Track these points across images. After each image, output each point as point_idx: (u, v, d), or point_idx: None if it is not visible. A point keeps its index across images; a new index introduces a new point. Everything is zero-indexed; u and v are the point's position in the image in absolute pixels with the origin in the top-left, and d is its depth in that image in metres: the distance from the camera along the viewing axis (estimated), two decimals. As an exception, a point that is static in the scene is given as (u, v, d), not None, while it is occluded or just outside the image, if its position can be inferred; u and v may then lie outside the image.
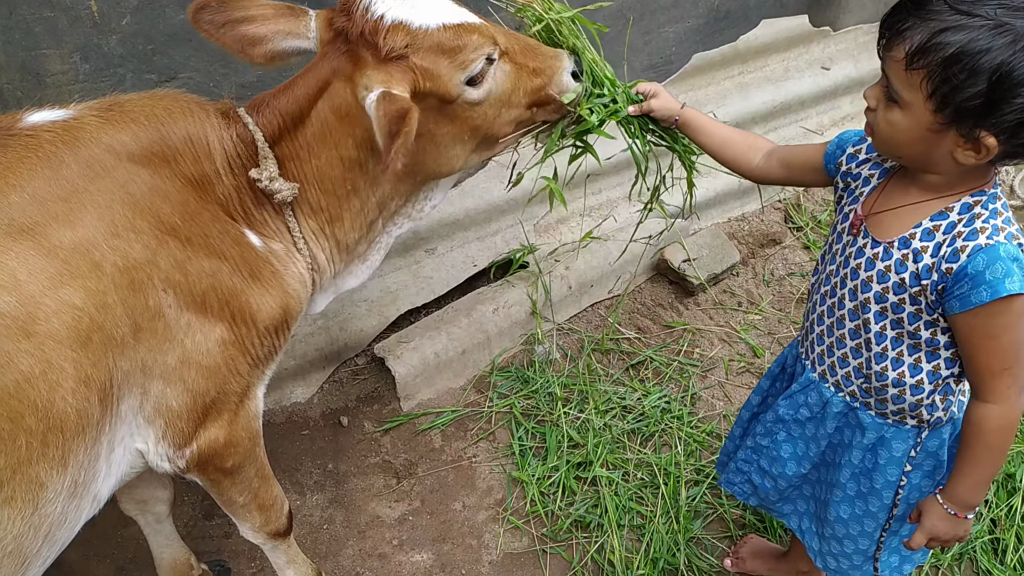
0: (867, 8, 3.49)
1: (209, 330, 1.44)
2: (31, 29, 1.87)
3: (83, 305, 1.23)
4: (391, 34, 1.47)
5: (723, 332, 2.85)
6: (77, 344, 1.22)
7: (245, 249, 1.51)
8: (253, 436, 1.62)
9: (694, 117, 1.76)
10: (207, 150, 1.48)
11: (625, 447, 2.43)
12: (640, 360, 2.72)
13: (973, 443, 1.41)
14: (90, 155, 1.33)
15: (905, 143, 1.32)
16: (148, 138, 1.40)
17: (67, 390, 1.20)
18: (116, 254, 1.30)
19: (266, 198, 1.57)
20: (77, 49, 1.94)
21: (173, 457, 1.47)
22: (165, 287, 1.37)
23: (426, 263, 2.73)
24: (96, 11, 1.91)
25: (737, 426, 1.93)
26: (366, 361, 2.66)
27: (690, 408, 2.55)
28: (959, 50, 1.18)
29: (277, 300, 1.56)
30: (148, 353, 1.36)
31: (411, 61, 1.49)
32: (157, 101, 1.47)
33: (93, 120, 1.37)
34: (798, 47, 3.43)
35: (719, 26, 3.16)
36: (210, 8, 1.53)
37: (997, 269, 1.27)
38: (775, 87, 3.30)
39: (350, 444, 2.46)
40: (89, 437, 1.27)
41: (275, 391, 2.53)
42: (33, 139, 1.30)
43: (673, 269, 2.94)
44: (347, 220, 1.66)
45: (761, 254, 3.16)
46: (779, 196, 3.35)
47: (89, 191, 1.30)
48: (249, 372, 1.55)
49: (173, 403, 1.43)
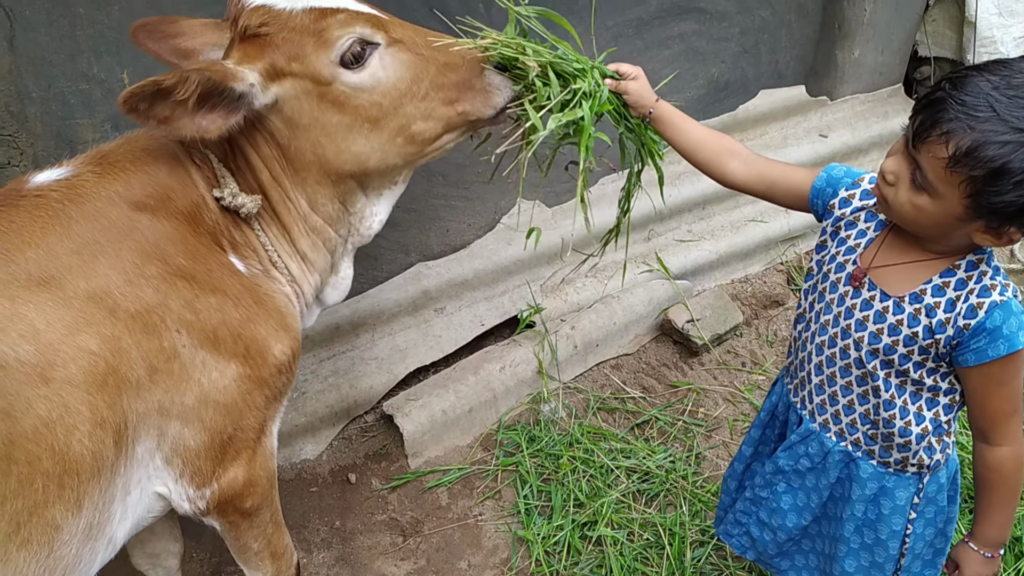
0: (863, 79, 3.62)
1: (224, 366, 1.48)
2: (67, 100, 1.99)
3: (99, 350, 1.29)
4: (249, 14, 1.48)
5: (727, 392, 2.88)
6: (93, 388, 1.27)
7: (240, 279, 1.55)
8: (270, 476, 1.65)
9: (668, 112, 1.69)
10: (190, 177, 1.54)
11: (630, 507, 2.44)
12: (645, 419, 2.75)
13: (997, 486, 1.48)
14: (94, 208, 1.40)
15: (928, 226, 1.37)
16: (139, 182, 1.47)
17: (83, 433, 1.25)
18: (128, 300, 1.36)
19: (234, 218, 1.60)
20: (108, 118, 2.05)
21: (194, 498, 1.50)
22: (178, 328, 1.42)
23: (435, 322, 2.79)
24: (128, 83, 2.03)
25: (731, 478, 1.94)
26: (375, 418, 2.70)
27: (695, 468, 2.57)
28: (1007, 165, 1.20)
29: (278, 326, 1.58)
30: (165, 394, 1.40)
31: (271, 39, 1.48)
32: (134, 144, 1.55)
33: (89, 175, 1.45)
34: (796, 116, 3.55)
35: (719, 96, 3.29)
36: (147, 27, 1.60)
37: (1012, 323, 1.35)
38: (775, 154, 3.41)
39: (358, 501, 2.48)
40: (104, 479, 1.31)
41: (285, 448, 2.56)
42: (42, 198, 1.39)
43: (677, 329, 2.99)
44: (294, 228, 1.67)
45: (764, 315, 3.21)
46: (781, 258, 3.42)
47: (99, 242, 1.38)
48: (265, 405, 1.57)
49: (191, 442, 1.46)
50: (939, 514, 1.59)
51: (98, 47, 1.96)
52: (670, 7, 2.95)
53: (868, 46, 3.50)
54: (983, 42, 3.56)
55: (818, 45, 3.49)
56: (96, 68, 1.98)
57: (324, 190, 1.66)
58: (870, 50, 3.52)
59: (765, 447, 1.83)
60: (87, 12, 1.91)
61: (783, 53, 3.40)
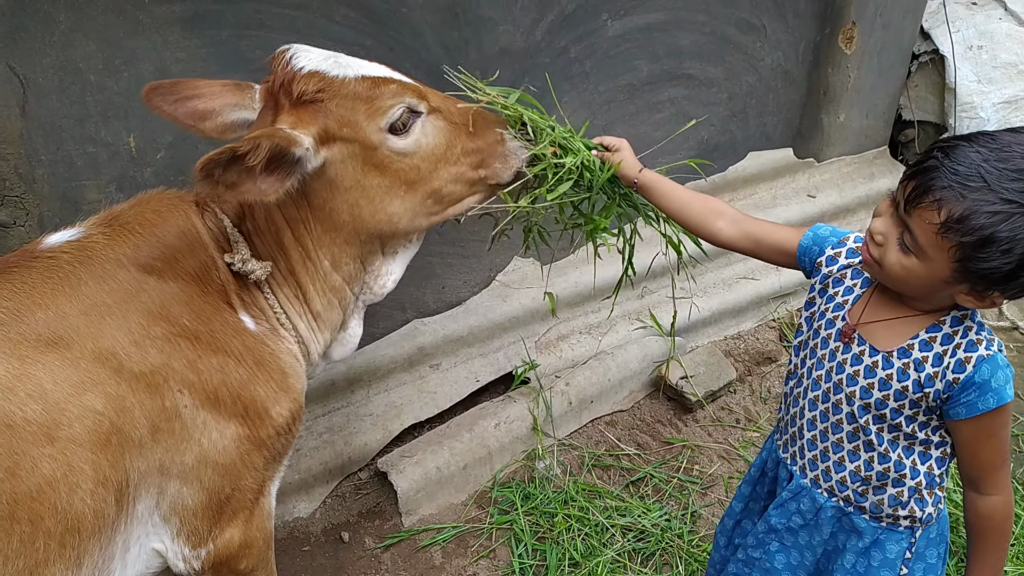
0: (849, 141, 3.72)
1: (224, 427, 1.49)
2: (74, 163, 2.05)
3: (103, 409, 1.31)
4: (305, 80, 1.54)
5: (722, 449, 2.88)
6: (97, 447, 1.29)
7: (245, 337, 1.58)
8: (267, 537, 1.65)
9: (653, 179, 1.77)
10: (200, 240, 1.58)
11: (626, 566, 2.42)
12: (640, 476, 2.74)
13: (988, 534, 1.52)
14: (103, 271, 1.45)
15: (915, 286, 1.41)
16: (147, 244, 1.52)
17: (86, 491, 1.27)
18: (133, 360, 1.39)
19: (251, 281, 1.64)
20: (113, 180, 2.11)
21: (189, 557, 1.51)
22: (180, 388, 1.44)
23: (430, 378, 2.81)
24: (134, 147, 2.10)
25: (720, 534, 1.94)
26: (369, 475, 2.69)
27: (690, 527, 2.56)
28: (995, 233, 1.26)
29: (281, 384, 1.60)
30: (165, 453, 1.42)
31: (325, 106, 1.54)
32: (145, 206, 1.59)
33: (100, 237, 1.50)
34: (784, 176, 3.64)
35: (709, 158, 3.38)
36: (162, 88, 1.64)
37: (1000, 377, 1.40)
38: (764, 213, 3.48)
39: (350, 561, 2.46)
40: (104, 537, 1.32)
41: (278, 506, 2.53)
42: (53, 260, 1.43)
43: (671, 386, 3.01)
44: (311, 288, 1.70)
45: (757, 372, 3.23)
46: (773, 315, 3.46)
47: (107, 304, 1.41)
48: (264, 466, 1.59)
49: (189, 501, 1.47)
50: (929, 570, 1.59)
51: (107, 112, 2.03)
52: (660, 74, 3.05)
53: (853, 110, 3.61)
54: (964, 107, 3.68)
55: (804, 109, 3.60)
56: (104, 132, 2.04)
57: (350, 250, 1.71)
58: (855, 114, 3.63)
59: (755, 503, 1.84)
60: (97, 79, 1.98)
61: (770, 117, 3.50)
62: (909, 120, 3.92)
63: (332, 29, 2.24)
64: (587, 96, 2.88)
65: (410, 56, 2.40)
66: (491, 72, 2.59)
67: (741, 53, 3.26)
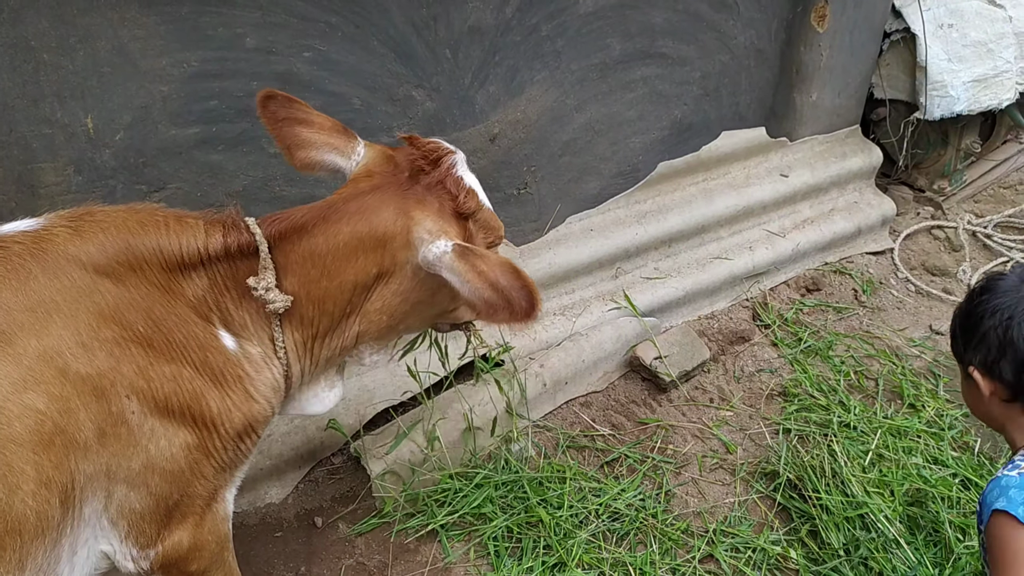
0: (821, 120, 3.73)
1: (173, 435, 1.46)
2: (29, 145, 1.98)
3: (46, 409, 1.27)
4: (470, 196, 1.66)
5: (696, 428, 2.89)
6: (39, 447, 1.25)
7: (211, 352, 1.53)
8: (220, 540, 1.63)
9: None
10: (179, 259, 1.50)
11: (600, 547, 2.43)
12: (615, 457, 2.75)
13: None
14: (56, 266, 1.37)
15: None
16: (114, 248, 1.44)
17: (27, 492, 1.22)
18: (79, 362, 1.33)
19: (249, 302, 1.59)
20: (71, 162, 2.05)
21: (137, 558, 1.48)
22: (128, 393, 1.40)
23: (403, 361, 2.78)
24: (92, 128, 2.04)
25: None
26: (342, 460, 2.67)
27: (664, 505, 2.57)
28: None
29: (239, 404, 1.57)
30: (112, 458, 1.38)
31: (469, 224, 1.66)
32: (132, 214, 1.51)
33: (62, 231, 1.42)
34: (758, 156, 3.64)
35: (683, 137, 3.36)
36: (277, 100, 1.67)
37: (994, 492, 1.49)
38: (737, 193, 3.48)
39: (324, 546, 2.44)
40: (49, 539, 1.28)
41: (249, 492, 2.52)
42: (3, 250, 1.36)
43: (645, 366, 3.01)
44: (333, 340, 1.71)
45: (731, 351, 3.25)
46: (746, 295, 3.47)
47: (56, 301, 1.35)
48: (215, 475, 1.56)
49: (136, 506, 1.44)
50: None
51: (62, 92, 1.96)
52: (633, 52, 3.03)
53: (826, 89, 3.61)
54: (934, 86, 3.69)
55: (777, 88, 3.60)
56: (60, 113, 1.98)
57: (376, 332, 1.77)
58: (828, 93, 3.64)
59: None
60: (51, 58, 1.92)
61: (743, 96, 3.49)
62: (881, 99, 3.93)
63: (296, 6, 2.19)
64: (559, 75, 2.85)
65: (376, 33, 2.35)
66: (461, 51, 2.55)
67: (714, 31, 3.23)
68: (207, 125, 2.20)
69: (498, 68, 2.67)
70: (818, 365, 3.14)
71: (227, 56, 2.15)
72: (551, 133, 2.93)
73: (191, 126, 2.18)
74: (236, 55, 2.16)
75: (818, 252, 3.69)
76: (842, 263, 3.75)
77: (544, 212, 3.05)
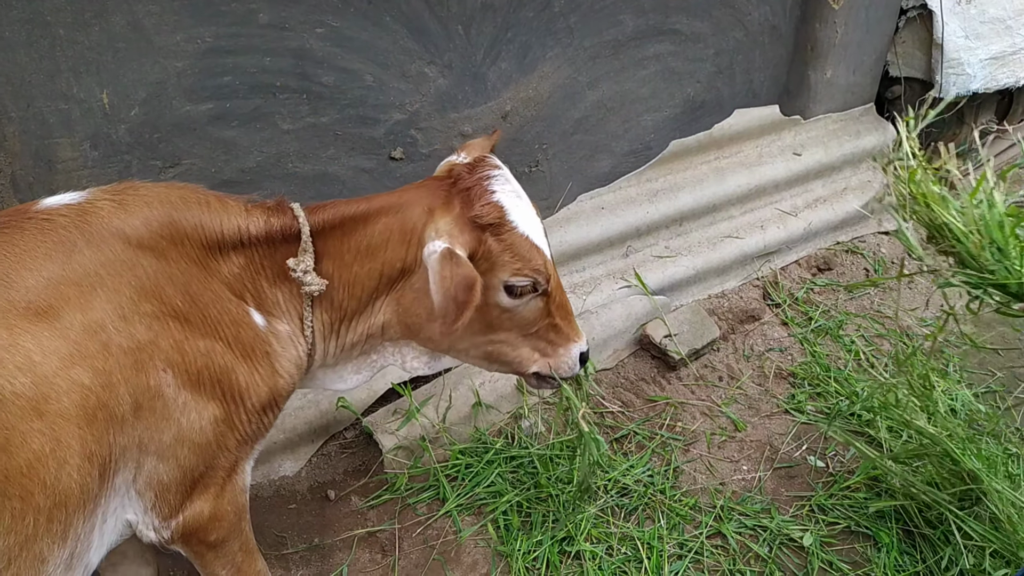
0: (836, 98, 3.70)
1: (203, 408, 1.50)
2: (46, 120, 2.00)
3: (91, 384, 1.29)
4: (489, 206, 1.67)
5: (704, 406, 2.91)
6: (84, 421, 1.28)
7: (243, 328, 1.58)
8: (239, 510, 1.66)
9: None
10: (219, 237, 1.55)
11: (608, 521, 2.46)
12: (624, 434, 2.77)
13: None
14: (101, 239, 1.40)
15: None
16: (158, 221, 1.47)
17: (73, 466, 1.26)
18: (122, 335, 1.36)
19: (283, 282, 1.65)
20: (87, 138, 2.06)
21: (159, 527, 1.52)
22: (165, 367, 1.43)
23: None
24: (107, 103, 2.05)
25: None
26: (354, 435, 2.70)
27: (673, 482, 2.59)
28: None
29: (266, 379, 1.62)
30: (146, 431, 1.41)
31: (485, 235, 1.67)
32: (173, 190, 1.55)
33: (106, 204, 1.44)
34: (770, 134, 3.61)
35: (695, 115, 3.35)
36: None
37: None
38: (749, 172, 3.47)
39: (337, 518, 2.48)
40: (88, 510, 1.32)
41: (264, 465, 2.56)
42: (48, 223, 1.38)
43: (655, 344, 3.02)
44: (358, 325, 1.77)
45: (740, 330, 3.25)
46: (757, 274, 3.47)
47: (100, 275, 1.37)
48: (237, 448, 1.60)
49: (164, 477, 1.48)
50: None
51: (78, 67, 1.97)
52: (646, 29, 3.00)
53: (840, 66, 3.58)
54: (950, 63, 3.65)
55: (791, 65, 3.56)
56: (76, 88, 1.99)
57: (402, 330, 1.82)
58: (842, 70, 3.60)
59: None
60: (67, 33, 1.92)
61: (757, 73, 3.47)
62: (896, 76, 3.89)
63: (309, -19, 2.18)
64: (571, 52, 2.84)
65: (389, 9, 2.35)
66: (473, 28, 2.54)
67: (728, 7, 3.20)
68: (221, 101, 2.21)
69: (511, 45, 2.66)
70: (828, 344, 3.15)
71: (240, 32, 2.15)
72: (563, 111, 2.93)
73: (205, 102, 2.19)
74: (249, 31, 2.16)
75: (830, 231, 3.67)
76: (854, 242, 3.74)
77: (555, 190, 3.05)
